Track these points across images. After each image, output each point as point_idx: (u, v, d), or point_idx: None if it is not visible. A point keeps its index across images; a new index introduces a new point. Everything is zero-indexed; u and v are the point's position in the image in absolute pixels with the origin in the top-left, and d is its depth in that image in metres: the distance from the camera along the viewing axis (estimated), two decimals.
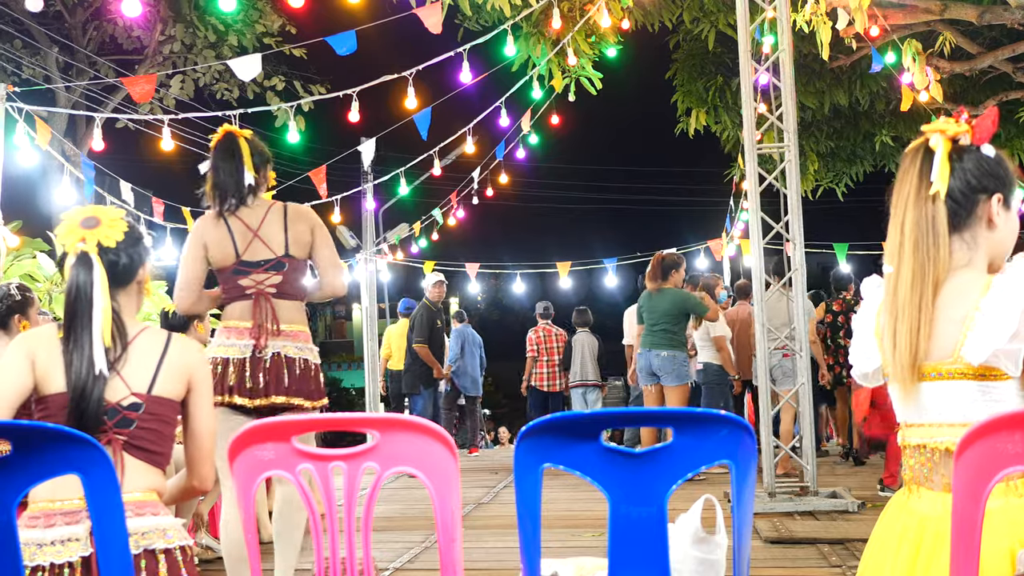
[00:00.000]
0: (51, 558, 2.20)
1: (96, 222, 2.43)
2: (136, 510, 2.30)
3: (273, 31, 14.24)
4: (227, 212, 3.48)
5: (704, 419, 1.74)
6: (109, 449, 2.22)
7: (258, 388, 3.39)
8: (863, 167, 12.51)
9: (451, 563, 1.86)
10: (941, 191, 1.84)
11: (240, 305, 3.48)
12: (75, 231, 2.41)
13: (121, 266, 2.44)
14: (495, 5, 7.95)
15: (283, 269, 3.49)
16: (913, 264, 1.84)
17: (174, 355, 2.42)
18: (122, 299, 2.45)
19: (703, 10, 9.35)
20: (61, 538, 2.23)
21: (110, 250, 2.41)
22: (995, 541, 1.67)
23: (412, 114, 7.90)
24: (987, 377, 1.77)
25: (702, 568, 2.53)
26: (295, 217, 3.54)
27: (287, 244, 3.48)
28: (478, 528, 5.75)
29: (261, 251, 3.46)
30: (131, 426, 2.34)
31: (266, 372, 3.41)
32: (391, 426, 1.91)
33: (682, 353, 7.24)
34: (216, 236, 3.48)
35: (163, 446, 2.41)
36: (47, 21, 14.21)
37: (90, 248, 2.39)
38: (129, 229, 2.47)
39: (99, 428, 2.29)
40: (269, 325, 3.43)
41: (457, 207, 12.56)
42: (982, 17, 8.15)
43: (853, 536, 4.97)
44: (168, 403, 2.41)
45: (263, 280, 3.46)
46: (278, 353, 3.44)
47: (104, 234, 2.41)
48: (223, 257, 3.48)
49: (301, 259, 3.55)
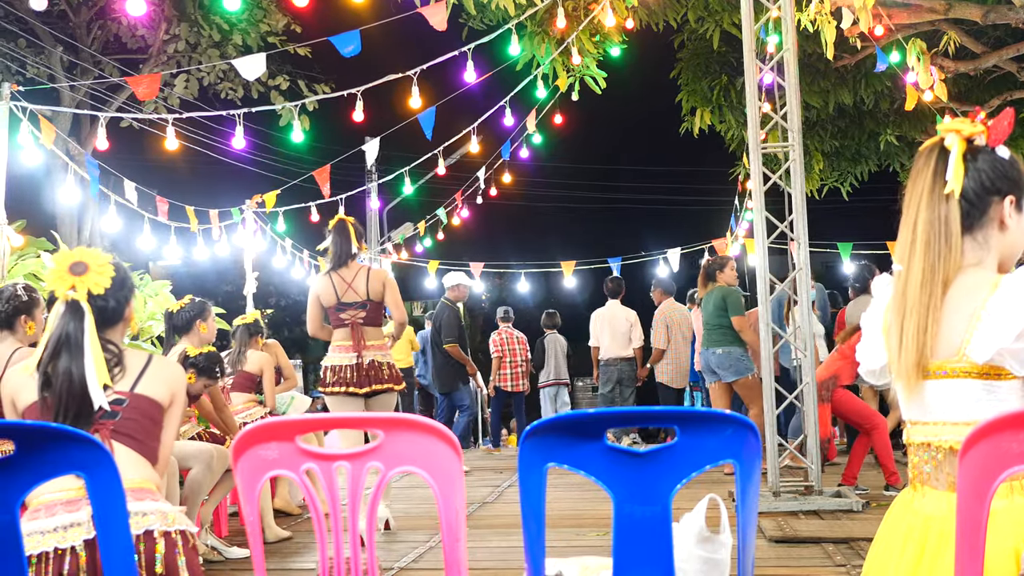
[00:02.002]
0: (55, 543, 2.25)
1: (84, 268, 2.55)
2: (135, 495, 2.35)
3: (278, 30, 14.25)
4: (332, 272, 5.42)
5: (709, 418, 1.74)
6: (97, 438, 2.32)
7: (364, 381, 5.33)
8: (868, 166, 12.49)
9: (455, 563, 1.86)
10: (956, 191, 1.84)
11: (342, 331, 5.41)
12: (64, 278, 2.54)
13: (110, 310, 2.61)
14: (499, 4, 7.94)
15: (366, 308, 5.39)
16: (924, 263, 1.84)
17: (157, 365, 2.63)
18: (110, 335, 2.62)
19: (707, 9, 9.35)
20: (63, 524, 2.28)
21: (99, 297, 2.55)
22: (1000, 541, 1.67)
23: (416, 114, 7.90)
24: (992, 376, 1.77)
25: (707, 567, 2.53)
26: (373, 276, 5.45)
27: (368, 292, 5.38)
28: (482, 527, 5.75)
29: (352, 296, 5.38)
30: (116, 417, 2.49)
31: (366, 371, 5.34)
32: (395, 426, 1.91)
33: (736, 348, 7.37)
34: (324, 288, 5.43)
35: (149, 438, 2.53)
36: (51, 20, 14.23)
37: (80, 296, 2.51)
38: (116, 273, 2.60)
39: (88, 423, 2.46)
40: (363, 342, 5.34)
41: (462, 206, 12.56)
42: (986, 16, 8.13)
43: (858, 535, 4.96)
44: (150, 401, 2.56)
45: (355, 314, 5.37)
46: (373, 360, 5.36)
47: (93, 281, 2.54)
48: (329, 300, 5.41)
49: (377, 301, 5.44)
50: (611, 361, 9.59)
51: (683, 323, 9.54)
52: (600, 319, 9.58)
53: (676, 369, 9.51)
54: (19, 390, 2.57)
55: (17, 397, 2.56)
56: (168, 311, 5.53)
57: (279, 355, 6.89)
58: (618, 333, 9.55)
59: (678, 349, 9.50)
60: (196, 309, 5.48)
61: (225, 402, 5.52)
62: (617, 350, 9.57)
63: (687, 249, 13.66)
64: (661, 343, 9.52)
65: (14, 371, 2.63)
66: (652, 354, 9.62)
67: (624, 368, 9.59)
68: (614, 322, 9.57)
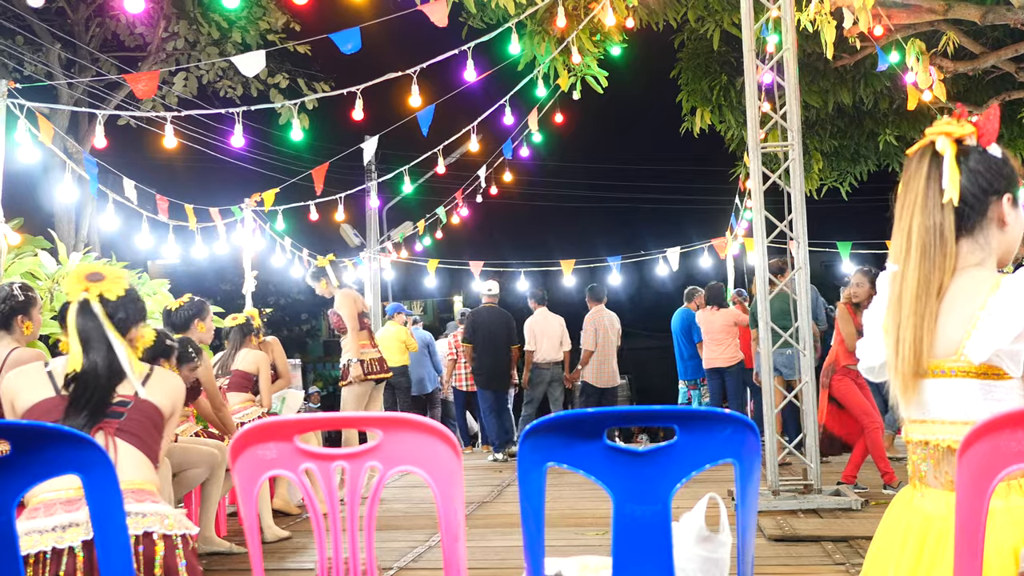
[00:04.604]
0: (52, 543, 2.25)
1: (101, 277, 2.67)
2: (135, 497, 2.36)
3: (277, 28, 14.22)
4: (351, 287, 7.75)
5: (708, 417, 1.74)
6: (101, 435, 2.38)
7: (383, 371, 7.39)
8: (867, 166, 12.49)
9: (455, 562, 1.86)
10: (955, 198, 1.82)
11: (366, 332, 7.36)
12: (80, 283, 2.65)
13: (118, 319, 2.68)
14: (499, 3, 7.94)
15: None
16: (919, 271, 1.83)
17: (159, 374, 2.71)
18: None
19: (708, 9, 9.34)
20: (62, 524, 2.28)
21: (110, 302, 2.64)
22: (999, 539, 1.67)
23: (416, 112, 7.90)
24: (990, 376, 1.76)
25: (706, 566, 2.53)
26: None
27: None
28: (482, 527, 5.75)
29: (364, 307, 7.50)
30: (121, 417, 2.56)
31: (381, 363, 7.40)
32: (394, 425, 1.91)
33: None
34: (357, 298, 7.44)
35: (151, 440, 2.55)
36: (50, 17, 14.19)
37: (92, 297, 2.62)
38: (130, 288, 2.71)
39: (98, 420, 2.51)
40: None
41: (461, 205, 12.56)
42: (985, 17, 8.13)
43: (857, 534, 4.96)
44: (153, 407, 2.62)
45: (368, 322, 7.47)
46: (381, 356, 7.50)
47: (107, 287, 2.65)
48: (361, 307, 7.41)
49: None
50: (544, 364, 10.05)
51: (610, 328, 10.10)
52: (536, 325, 10.09)
53: (599, 369, 10.07)
54: (19, 391, 2.57)
55: (17, 398, 2.57)
56: (167, 309, 5.51)
57: (276, 353, 6.86)
58: (553, 338, 10.06)
59: (603, 352, 10.04)
60: (195, 308, 5.47)
61: (223, 402, 5.51)
62: (552, 354, 10.04)
63: (686, 248, 13.65)
64: (589, 345, 10.06)
65: (15, 373, 2.65)
66: (582, 356, 10.14)
67: (555, 371, 10.09)
68: (549, 328, 10.07)
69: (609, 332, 10.06)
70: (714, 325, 9.49)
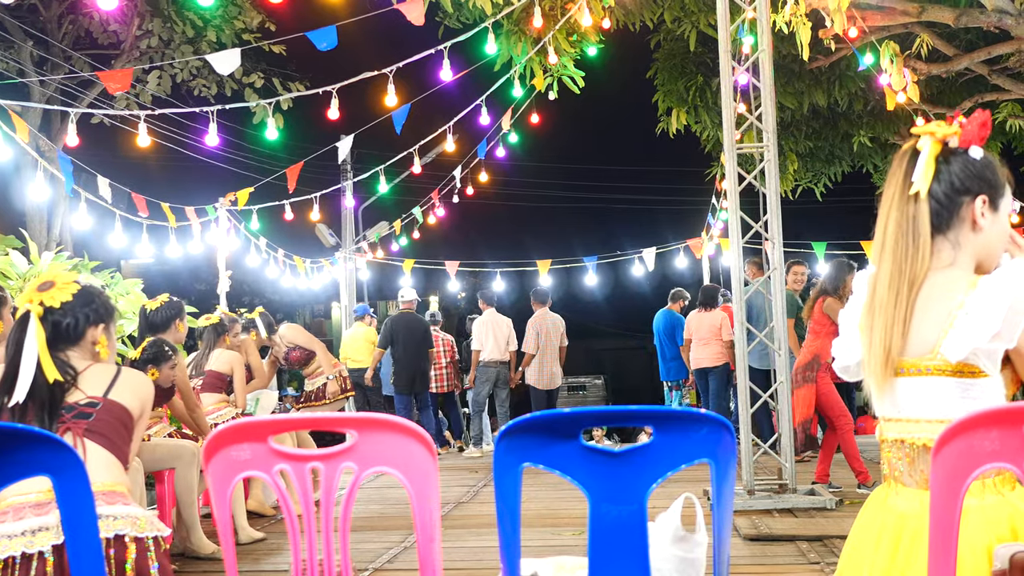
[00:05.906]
0: (22, 548, 2.21)
1: (50, 285, 2.64)
2: (106, 500, 2.33)
3: (252, 27, 14.11)
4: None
5: (684, 417, 1.74)
6: (69, 435, 2.37)
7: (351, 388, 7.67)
8: (841, 167, 12.60)
9: (430, 563, 1.85)
10: (922, 191, 1.85)
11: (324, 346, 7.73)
12: (30, 293, 2.64)
13: (65, 325, 2.65)
14: (476, 3, 7.92)
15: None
16: (892, 263, 1.86)
17: (127, 375, 2.68)
18: (70, 353, 2.65)
19: (684, 10, 9.38)
20: (32, 528, 2.24)
21: (55, 310, 2.61)
22: (973, 538, 1.68)
23: (391, 111, 7.87)
24: (965, 374, 1.78)
25: (682, 566, 2.53)
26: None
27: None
28: (458, 528, 5.73)
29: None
30: (89, 418, 2.53)
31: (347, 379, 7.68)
32: (369, 426, 1.89)
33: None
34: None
35: (121, 441, 2.53)
36: (21, 14, 14.00)
37: (34, 309, 2.59)
38: (79, 292, 2.66)
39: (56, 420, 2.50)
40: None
41: (438, 205, 12.54)
42: (959, 19, 8.21)
43: (832, 533, 4.99)
44: (122, 408, 2.59)
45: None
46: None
47: (51, 296, 2.61)
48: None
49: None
50: (491, 363, 10.24)
51: (553, 331, 10.29)
52: (484, 325, 10.27)
53: (541, 371, 10.29)
54: None
55: None
56: (144, 308, 5.45)
57: (250, 353, 6.81)
58: (500, 338, 10.25)
59: (545, 354, 10.25)
60: (175, 309, 5.42)
61: (197, 402, 5.46)
62: (498, 354, 10.23)
63: (662, 248, 13.70)
64: (531, 348, 10.27)
65: None
66: (523, 358, 10.34)
67: (502, 371, 10.28)
68: (496, 329, 10.24)
69: (552, 335, 10.29)
70: (702, 325, 9.55)
